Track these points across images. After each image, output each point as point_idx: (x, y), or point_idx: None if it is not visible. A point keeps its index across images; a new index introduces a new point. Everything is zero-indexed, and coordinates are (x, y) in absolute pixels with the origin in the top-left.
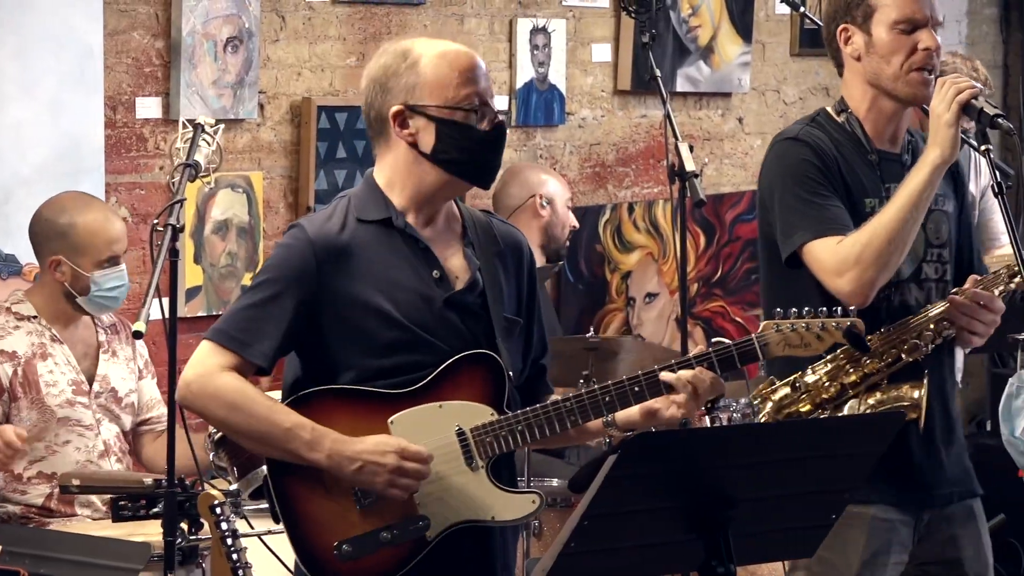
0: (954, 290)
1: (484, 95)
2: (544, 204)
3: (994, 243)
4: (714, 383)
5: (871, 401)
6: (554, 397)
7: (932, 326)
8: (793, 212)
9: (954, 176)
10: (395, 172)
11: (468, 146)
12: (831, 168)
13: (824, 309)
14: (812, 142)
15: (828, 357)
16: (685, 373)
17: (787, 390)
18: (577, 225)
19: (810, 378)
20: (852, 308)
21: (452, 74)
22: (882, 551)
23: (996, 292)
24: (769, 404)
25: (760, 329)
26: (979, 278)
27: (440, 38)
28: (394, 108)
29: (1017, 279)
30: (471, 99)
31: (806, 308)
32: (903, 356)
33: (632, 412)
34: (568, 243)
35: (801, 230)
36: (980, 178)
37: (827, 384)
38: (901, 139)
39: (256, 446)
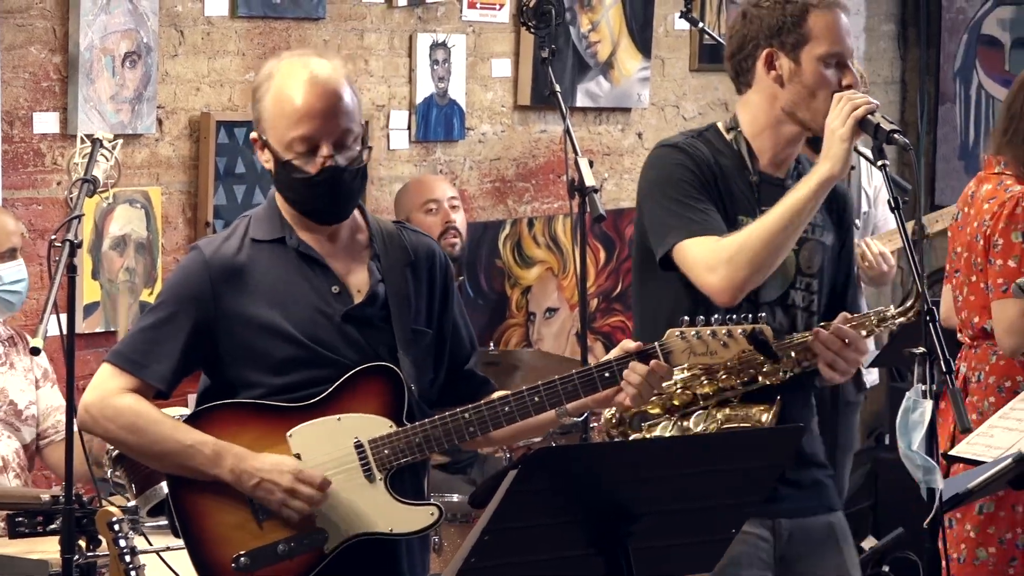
0: (821, 324)
1: (317, 137)
2: None
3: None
4: (647, 375)
5: (719, 416)
6: (499, 394)
7: (793, 353)
8: (668, 214)
9: (841, 211)
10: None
11: (296, 187)
12: (707, 178)
13: (732, 316)
14: (690, 151)
15: (686, 364)
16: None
17: None
18: (453, 220)
19: (663, 382)
20: (762, 315)
21: (282, 116)
22: (735, 562)
23: (863, 333)
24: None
25: (664, 336)
26: (849, 316)
27: (325, 53)
28: (252, 135)
29: (886, 323)
30: (299, 143)
31: (714, 316)
32: (760, 378)
33: (585, 401)
34: (452, 243)
35: (676, 230)
36: (872, 179)
37: (679, 390)
38: (788, 164)
39: (158, 465)
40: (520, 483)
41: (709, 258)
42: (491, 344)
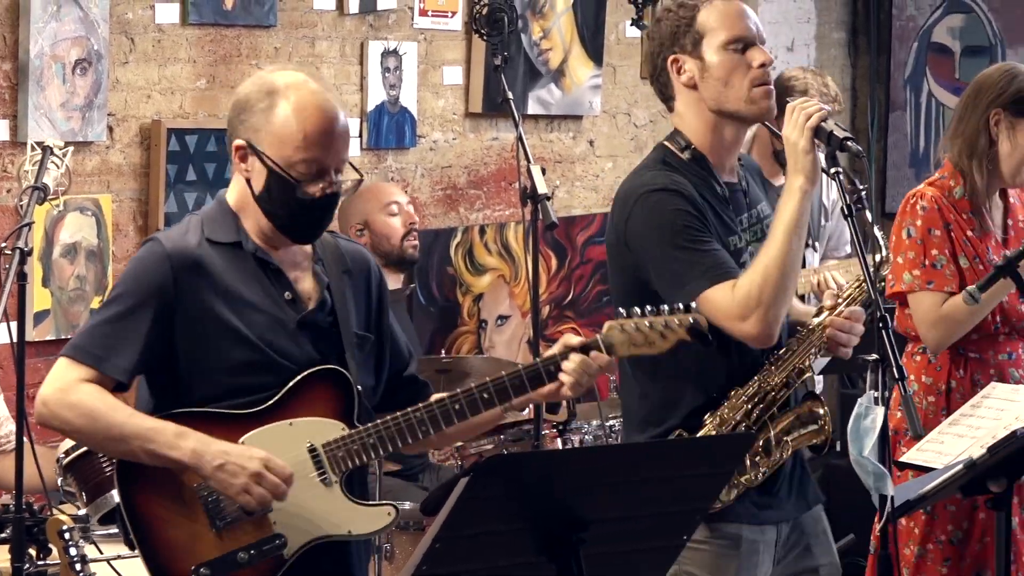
0: (818, 306)
1: (325, 164)
2: (360, 231)
3: (844, 249)
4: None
5: (780, 428)
6: (442, 394)
7: (815, 346)
8: (679, 263)
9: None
10: (240, 199)
11: (290, 205)
12: (704, 214)
13: (665, 307)
14: (683, 191)
15: (730, 402)
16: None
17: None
18: (416, 220)
19: (717, 422)
20: (693, 305)
21: (298, 136)
22: (751, 572)
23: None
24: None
25: (604, 330)
26: (834, 292)
27: (310, 75)
28: (237, 141)
29: (864, 286)
30: (308, 166)
31: (648, 307)
32: (794, 380)
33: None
34: (415, 244)
35: (693, 280)
36: (830, 190)
37: (736, 426)
38: (736, 167)
39: (117, 451)
40: (471, 490)
41: (737, 308)
42: (442, 351)
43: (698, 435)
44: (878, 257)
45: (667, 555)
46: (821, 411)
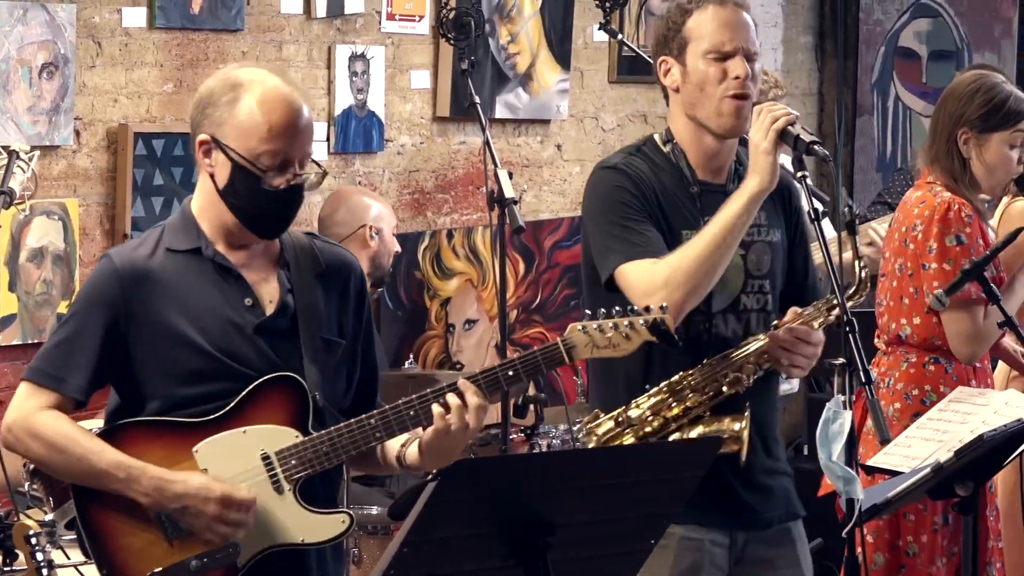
0: (774, 323)
1: (289, 155)
2: (373, 235)
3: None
4: (476, 414)
5: (693, 434)
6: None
7: (753, 359)
8: (609, 237)
9: (785, 204)
10: (204, 200)
11: (255, 198)
12: (648, 197)
13: (631, 308)
14: (630, 170)
15: (652, 391)
16: (453, 399)
17: (611, 424)
18: (399, 250)
19: (633, 412)
20: (664, 305)
21: (263, 128)
22: (691, 571)
23: (816, 325)
24: (593, 438)
25: (566, 332)
26: (799, 311)
27: (273, 71)
28: (201, 136)
29: (836, 311)
30: (272, 157)
31: (615, 308)
32: (724, 389)
33: (414, 453)
34: (391, 269)
35: (616, 253)
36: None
37: (650, 418)
38: (727, 169)
39: (80, 482)
40: (439, 495)
41: (645, 282)
42: (410, 356)
43: (602, 421)
44: (857, 279)
45: (634, 559)
46: (737, 426)
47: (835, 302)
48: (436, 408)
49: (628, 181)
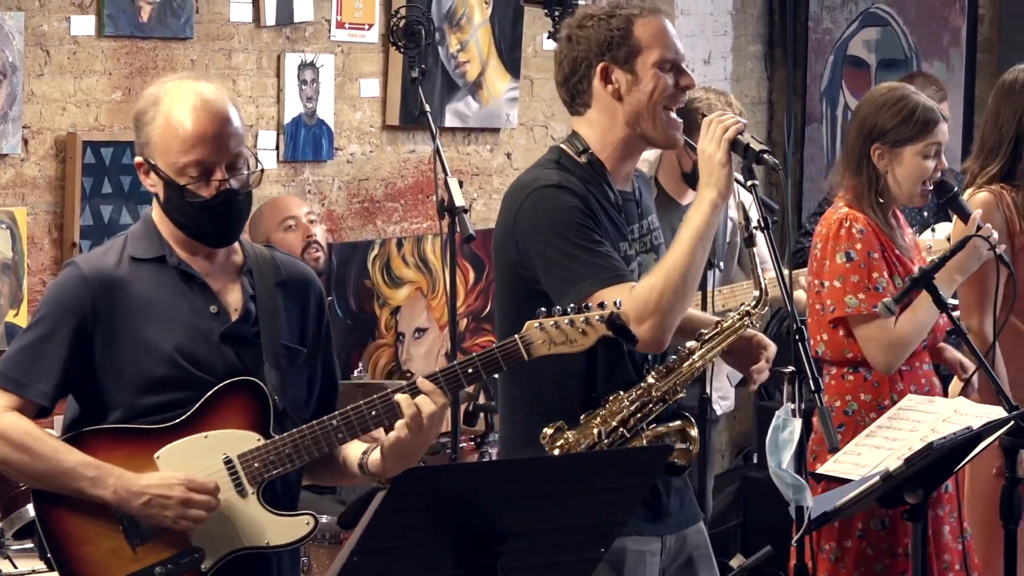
0: (700, 332)
1: (210, 163)
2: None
3: (763, 267)
4: (437, 413)
5: (645, 441)
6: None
7: (694, 370)
8: (573, 261)
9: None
10: (160, 213)
11: (188, 211)
12: (597, 215)
13: (587, 304)
14: (576, 188)
15: (615, 407)
16: (419, 398)
17: (582, 437)
18: (313, 233)
19: (599, 423)
20: (618, 301)
21: (175, 141)
22: None
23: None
24: (556, 451)
25: (523, 329)
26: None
27: (205, 77)
28: (136, 159)
29: (754, 314)
30: (192, 168)
31: (570, 305)
32: (669, 397)
33: (376, 459)
34: (316, 257)
35: (588, 279)
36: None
37: (616, 429)
38: (631, 177)
39: (41, 484)
40: (389, 503)
41: (636, 311)
42: (359, 365)
43: (571, 435)
44: (756, 292)
45: (585, 568)
46: (693, 432)
47: (746, 308)
48: (401, 397)
49: (577, 199)
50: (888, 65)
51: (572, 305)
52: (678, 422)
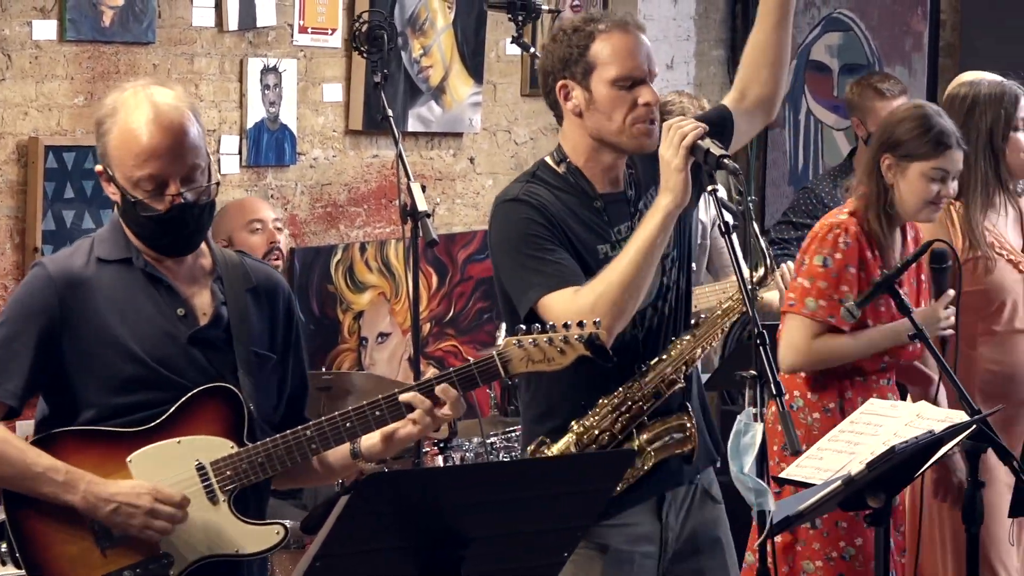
0: (693, 321)
1: (164, 176)
2: (224, 248)
3: (726, 271)
4: (455, 401)
5: (643, 441)
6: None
7: (684, 359)
8: (524, 270)
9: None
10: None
11: (142, 223)
12: (554, 223)
13: (567, 323)
14: (533, 200)
15: (598, 408)
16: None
17: (565, 446)
18: (277, 240)
19: (581, 431)
20: (598, 320)
21: (129, 155)
22: None
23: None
24: None
25: (502, 346)
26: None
27: (166, 83)
28: (97, 167)
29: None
30: (145, 182)
31: (549, 323)
32: (664, 391)
33: (374, 440)
34: (276, 265)
35: (535, 286)
36: (710, 209)
37: (598, 435)
38: (622, 178)
39: (10, 487)
40: (352, 508)
41: (572, 311)
42: (322, 370)
43: (560, 442)
44: (761, 270)
45: (548, 572)
46: (688, 423)
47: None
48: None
49: (533, 211)
50: (851, 70)
51: (551, 324)
52: (675, 416)
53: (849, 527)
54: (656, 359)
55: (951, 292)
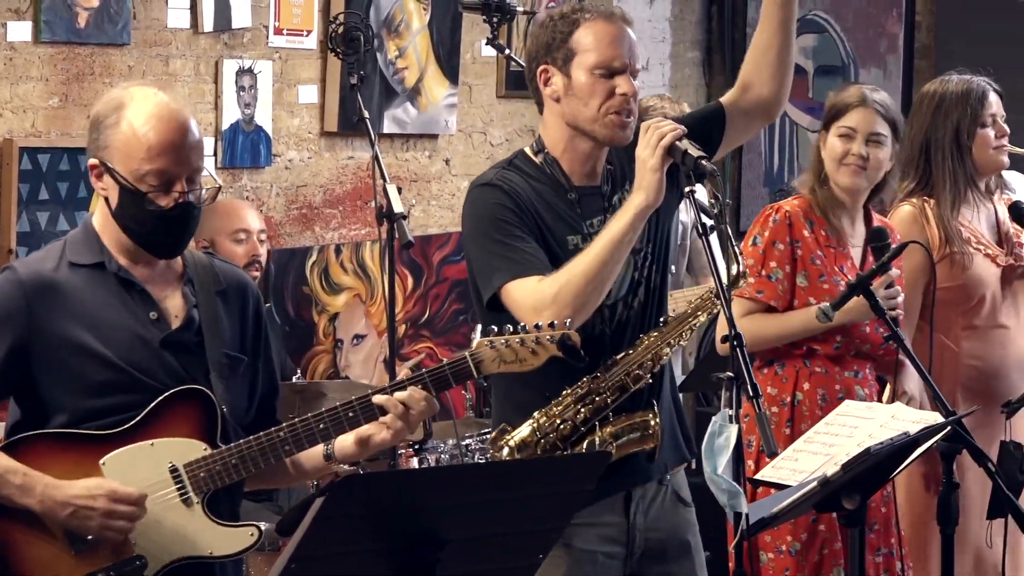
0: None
1: (173, 174)
2: (205, 249)
3: (705, 272)
4: (427, 403)
5: (608, 436)
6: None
7: (651, 355)
8: (491, 255)
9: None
10: (102, 219)
11: (144, 219)
12: (525, 210)
13: (539, 324)
14: (505, 186)
15: (561, 398)
16: (398, 394)
17: (527, 431)
18: (259, 254)
19: (544, 420)
20: (568, 321)
21: (141, 149)
22: None
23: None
24: (506, 450)
25: (474, 346)
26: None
27: (156, 85)
28: (91, 160)
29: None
30: (156, 177)
31: (521, 324)
32: (630, 386)
33: (347, 443)
34: (254, 276)
35: (500, 272)
36: (690, 210)
37: (560, 424)
38: (600, 172)
39: None
40: (327, 510)
41: (534, 300)
42: (297, 371)
43: (520, 428)
44: (734, 269)
45: (523, 574)
46: (653, 421)
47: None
48: (382, 398)
49: (505, 197)
50: (826, 72)
51: (522, 324)
52: (640, 413)
53: (799, 521)
54: (623, 353)
55: (894, 271)
